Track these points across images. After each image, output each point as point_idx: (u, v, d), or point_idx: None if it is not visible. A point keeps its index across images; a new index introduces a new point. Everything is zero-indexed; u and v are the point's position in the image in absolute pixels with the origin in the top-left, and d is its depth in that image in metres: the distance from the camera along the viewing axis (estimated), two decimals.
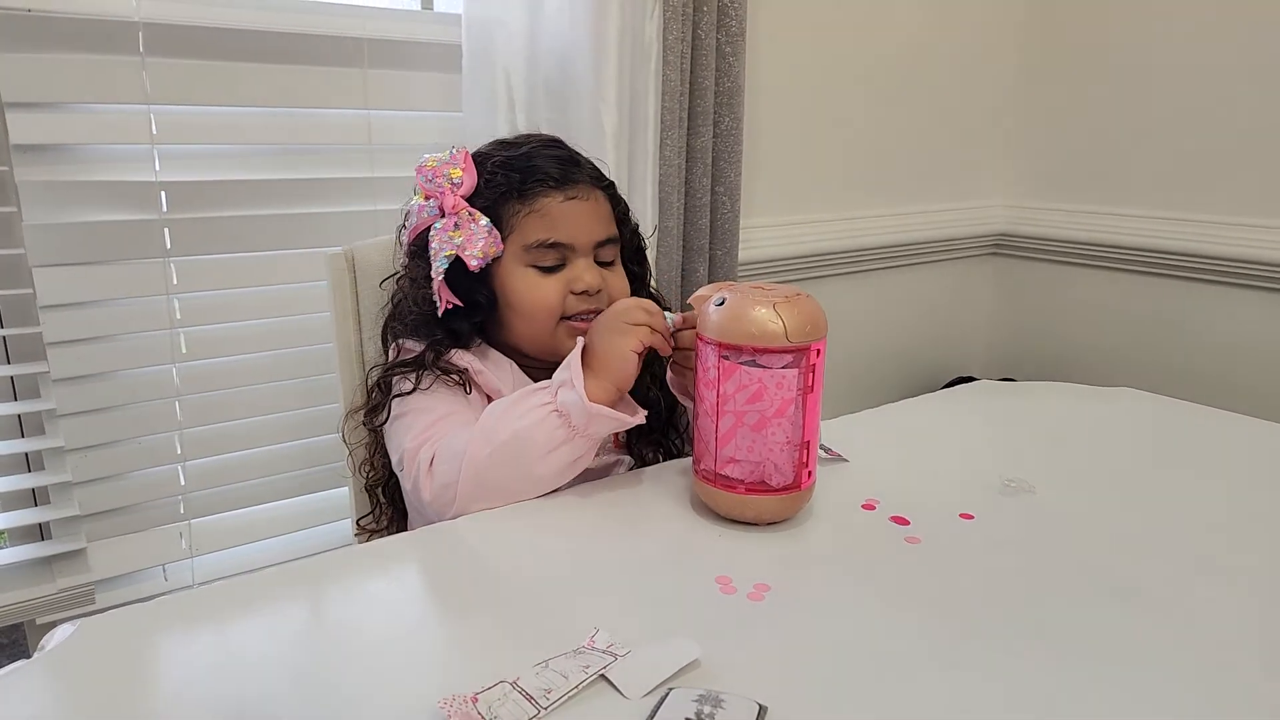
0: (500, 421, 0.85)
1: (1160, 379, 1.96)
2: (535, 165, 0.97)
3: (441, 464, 0.87)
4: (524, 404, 0.85)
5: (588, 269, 0.98)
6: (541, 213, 0.96)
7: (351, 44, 1.34)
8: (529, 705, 0.54)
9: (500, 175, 0.97)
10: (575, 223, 0.97)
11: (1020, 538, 0.80)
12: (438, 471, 0.87)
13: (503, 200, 0.97)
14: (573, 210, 0.97)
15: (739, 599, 0.69)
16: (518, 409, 0.85)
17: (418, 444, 0.91)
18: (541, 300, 0.97)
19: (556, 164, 0.98)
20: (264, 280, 1.35)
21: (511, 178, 0.97)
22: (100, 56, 1.17)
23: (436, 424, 0.92)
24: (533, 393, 0.86)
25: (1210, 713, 0.57)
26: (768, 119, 1.78)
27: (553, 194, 0.96)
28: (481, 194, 0.96)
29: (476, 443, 0.85)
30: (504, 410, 0.86)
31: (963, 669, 0.60)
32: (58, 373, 1.21)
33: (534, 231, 0.96)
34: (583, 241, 0.97)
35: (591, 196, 0.99)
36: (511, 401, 0.87)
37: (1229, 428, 1.11)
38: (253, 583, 0.72)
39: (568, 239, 0.96)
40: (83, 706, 0.57)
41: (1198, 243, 1.89)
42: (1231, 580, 0.73)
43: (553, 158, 0.99)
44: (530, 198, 0.96)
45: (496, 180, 0.97)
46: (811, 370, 0.77)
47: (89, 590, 1.31)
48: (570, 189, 0.97)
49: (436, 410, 0.94)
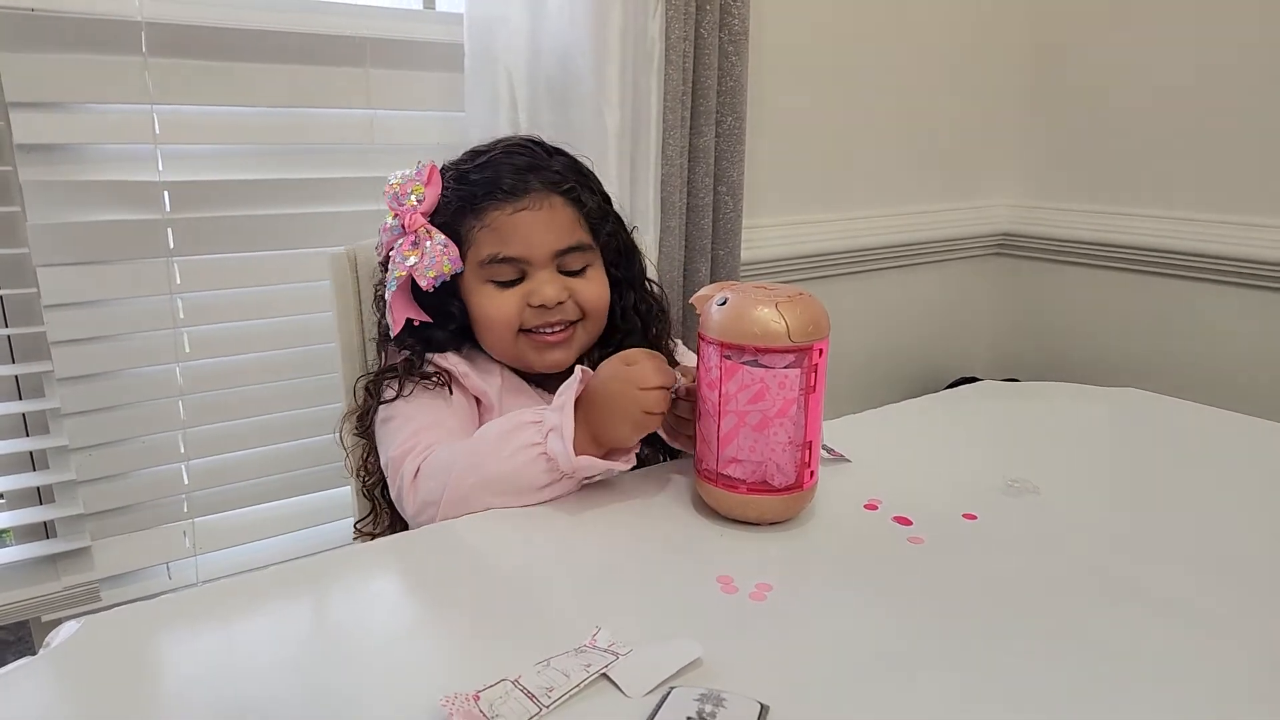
0: (489, 458, 0.83)
1: (1165, 379, 1.96)
2: (487, 177, 0.96)
3: (426, 479, 0.87)
4: (513, 440, 0.83)
5: (547, 281, 0.95)
6: (492, 227, 0.95)
7: (353, 44, 1.34)
8: (531, 704, 0.54)
9: (453, 190, 0.96)
10: (526, 235, 0.95)
11: (1024, 538, 0.80)
12: (422, 487, 0.87)
13: (458, 216, 0.96)
14: (523, 222, 0.94)
15: (741, 599, 0.69)
16: (507, 446, 0.83)
17: (402, 453, 0.91)
18: (497, 315, 0.95)
19: (511, 173, 0.96)
20: (267, 280, 1.35)
21: (463, 192, 0.96)
22: (103, 56, 1.17)
23: (419, 433, 0.92)
24: (523, 427, 0.83)
25: (1213, 712, 0.57)
26: (770, 119, 1.78)
27: (502, 205, 0.94)
28: (440, 210, 0.95)
29: (462, 470, 0.83)
30: (494, 442, 0.84)
31: (965, 669, 0.60)
32: (62, 372, 1.21)
33: (486, 246, 0.95)
34: (538, 254, 0.95)
35: (544, 205, 0.95)
36: (502, 433, 0.84)
37: (1234, 428, 1.11)
38: (255, 581, 0.73)
39: (520, 253, 0.95)
40: (87, 703, 0.57)
41: (1202, 242, 1.89)
42: (1236, 580, 0.72)
43: (510, 166, 0.96)
44: (481, 212, 0.95)
45: (449, 196, 0.96)
46: (814, 370, 0.77)
47: (94, 588, 1.32)
48: (520, 199, 0.94)
49: (420, 419, 0.93)
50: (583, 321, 0.99)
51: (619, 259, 1.05)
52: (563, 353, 0.98)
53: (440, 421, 0.93)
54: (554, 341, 0.97)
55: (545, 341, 0.97)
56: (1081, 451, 1.03)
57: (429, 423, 0.93)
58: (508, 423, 0.85)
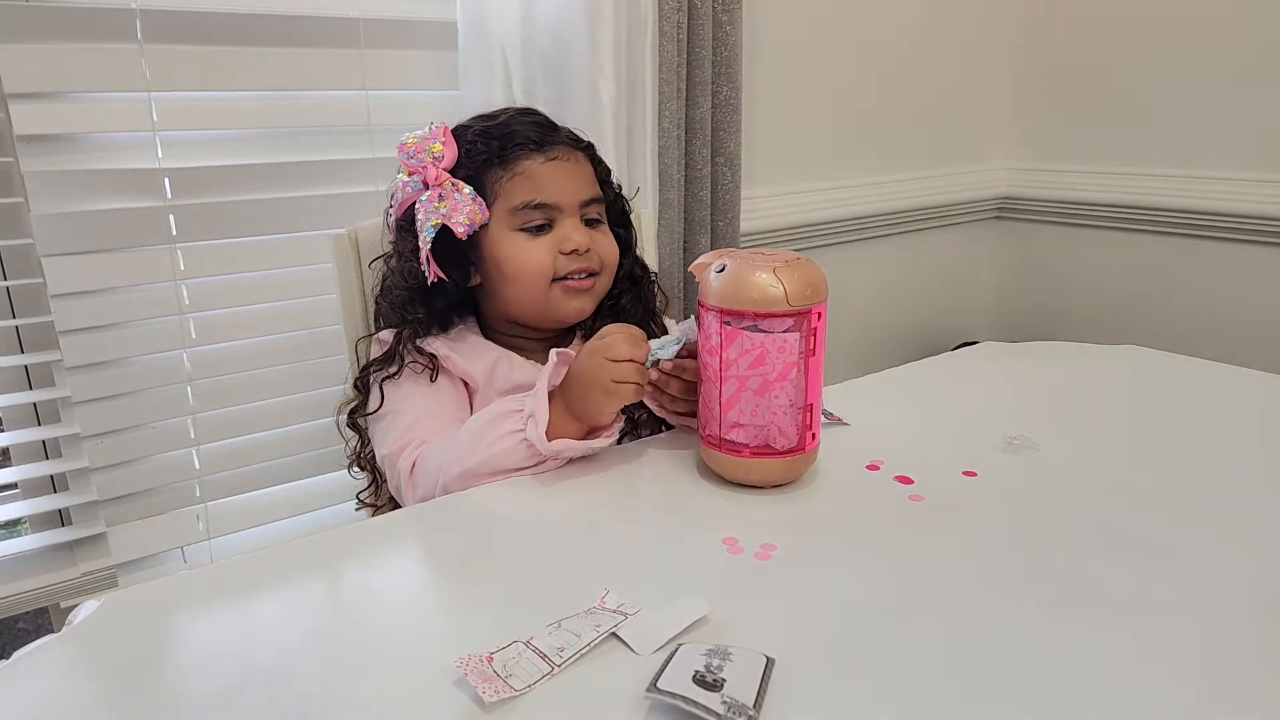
0: (473, 446, 0.85)
1: (1168, 340, 1.94)
2: (514, 131, 1.00)
3: (421, 475, 0.90)
4: (496, 429, 0.85)
5: (575, 228, 0.99)
6: (525, 175, 0.98)
7: (348, 24, 1.34)
8: (543, 663, 0.56)
9: (480, 144, 0.99)
10: (559, 182, 0.99)
11: (1024, 493, 0.81)
12: (418, 483, 0.90)
13: (485, 168, 0.98)
14: (555, 170, 0.99)
15: (746, 558, 0.70)
16: (489, 434, 0.85)
17: (397, 450, 0.94)
18: (533, 263, 0.98)
19: (535, 128, 1.01)
20: (269, 263, 1.36)
21: (491, 145, 0.99)
22: (99, 45, 1.18)
23: (411, 428, 0.95)
24: (505, 416, 0.86)
25: (1215, 661, 0.57)
26: (766, 88, 1.78)
27: (534, 155, 0.98)
28: (463, 165, 0.98)
29: (452, 462, 0.86)
30: (477, 432, 0.86)
31: (966, 621, 0.62)
32: (70, 361, 1.22)
33: (519, 194, 0.98)
34: (568, 201, 0.99)
35: (572, 157, 1.01)
36: (486, 423, 0.87)
37: (1235, 381, 1.11)
38: (270, 557, 0.74)
39: (552, 199, 0.98)
40: (110, 678, 0.58)
41: (1202, 200, 1.89)
42: (1237, 533, 0.73)
43: (531, 123, 1.01)
44: (511, 162, 0.98)
45: (477, 149, 0.99)
46: (813, 334, 0.78)
47: (110, 574, 1.34)
48: (550, 150, 0.99)
49: (412, 411, 0.97)
50: (599, 275, 1.03)
51: (621, 220, 1.09)
52: (587, 300, 1.02)
53: (430, 412, 0.97)
54: (582, 288, 1.01)
55: (575, 288, 1.00)
56: (1081, 408, 1.04)
57: (419, 415, 0.96)
58: (491, 413, 0.88)
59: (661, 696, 0.51)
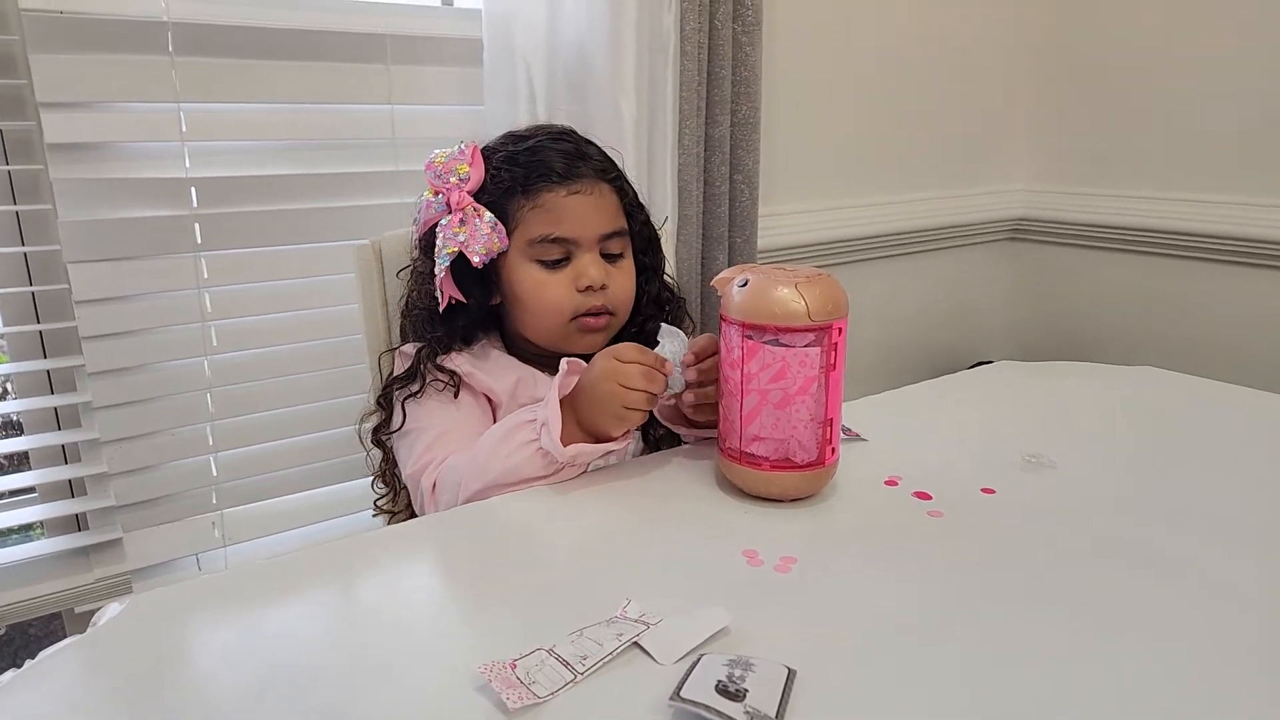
0: (491, 458, 0.86)
1: (1183, 363, 1.94)
2: (540, 160, 0.99)
3: (443, 493, 0.91)
4: (512, 440, 0.86)
5: (592, 263, 0.99)
6: (545, 207, 0.97)
7: (374, 40, 1.36)
8: (566, 671, 0.56)
9: (505, 170, 0.98)
10: (579, 217, 0.98)
11: (1042, 511, 0.81)
12: (440, 500, 0.91)
13: (508, 195, 0.98)
14: (576, 204, 0.98)
15: (766, 570, 0.70)
16: (506, 445, 0.86)
17: (420, 468, 0.95)
18: (552, 301, 0.98)
19: (561, 158, 0.99)
20: (293, 273, 1.37)
21: (515, 173, 0.98)
22: (131, 56, 1.20)
23: (433, 446, 0.96)
24: (520, 427, 0.87)
25: (1233, 680, 0.57)
26: (785, 107, 1.79)
27: (556, 188, 0.97)
28: (487, 189, 0.98)
29: (471, 476, 0.87)
30: (494, 445, 0.87)
31: (985, 636, 0.62)
32: (93, 366, 1.24)
33: (537, 226, 0.98)
34: (586, 236, 0.99)
35: (596, 190, 1.00)
36: (502, 435, 0.88)
37: (1250, 403, 1.11)
38: (293, 562, 0.75)
39: (571, 233, 0.98)
40: (133, 680, 0.59)
41: (1217, 224, 1.88)
42: (1252, 555, 0.73)
43: (559, 152, 1.00)
44: (534, 193, 0.97)
45: (501, 175, 0.98)
46: (834, 348, 0.79)
47: (125, 579, 1.34)
48: (574, 183, 0.98)
49: (435, 428, 0.97)
50: (614, 315, 1.03)
51: (647, 247, 1.09)
52: (600, 337, 1.02)
53: (452, 429, 0.97)
54: (597, 326, 1.01)
55: (590, 326, 1.00)
56: (1098, 427, 1.03)
57: (442, 431, 0.97)
58: (506, 425, 0.89)
59: (685, 705, 0.51)
